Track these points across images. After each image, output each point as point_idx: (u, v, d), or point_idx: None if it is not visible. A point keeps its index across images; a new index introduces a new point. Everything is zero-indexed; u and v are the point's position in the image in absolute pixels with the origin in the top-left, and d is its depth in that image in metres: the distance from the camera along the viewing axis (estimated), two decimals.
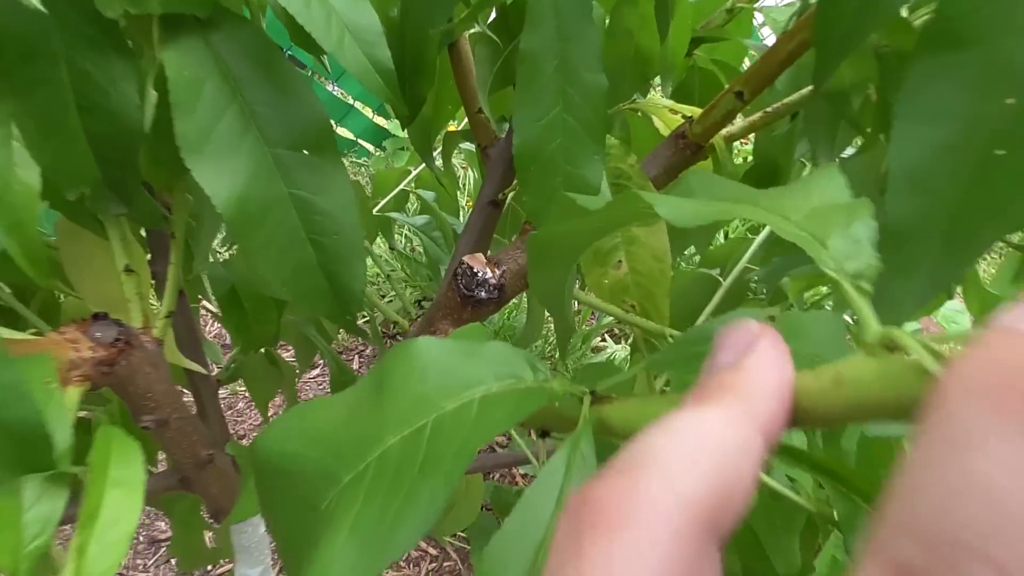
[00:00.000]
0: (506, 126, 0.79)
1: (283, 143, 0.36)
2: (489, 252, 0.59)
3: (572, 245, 0.30)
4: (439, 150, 0.99)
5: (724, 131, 0.49)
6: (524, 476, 1.68)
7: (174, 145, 0.35)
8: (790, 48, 0.41)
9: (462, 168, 2.25)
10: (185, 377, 0.85)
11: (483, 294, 0.49)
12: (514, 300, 0.87)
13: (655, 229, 0.49)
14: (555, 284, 0.34)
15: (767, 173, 0.65)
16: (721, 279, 0.74)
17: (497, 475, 1.74)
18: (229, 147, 0.35)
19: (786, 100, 0.50)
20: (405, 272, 2.11)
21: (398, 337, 2.06)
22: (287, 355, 1.85)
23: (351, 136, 2.50)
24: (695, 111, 0.51)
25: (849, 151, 0.69)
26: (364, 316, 1.92)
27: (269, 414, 0.96)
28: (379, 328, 1.92)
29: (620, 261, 0.48)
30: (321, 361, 2.03)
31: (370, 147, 2.75)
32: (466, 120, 0.70)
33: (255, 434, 1.75)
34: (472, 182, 2.26)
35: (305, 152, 0.37)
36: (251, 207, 0.36)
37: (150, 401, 0.46)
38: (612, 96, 0.50)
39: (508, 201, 0.70)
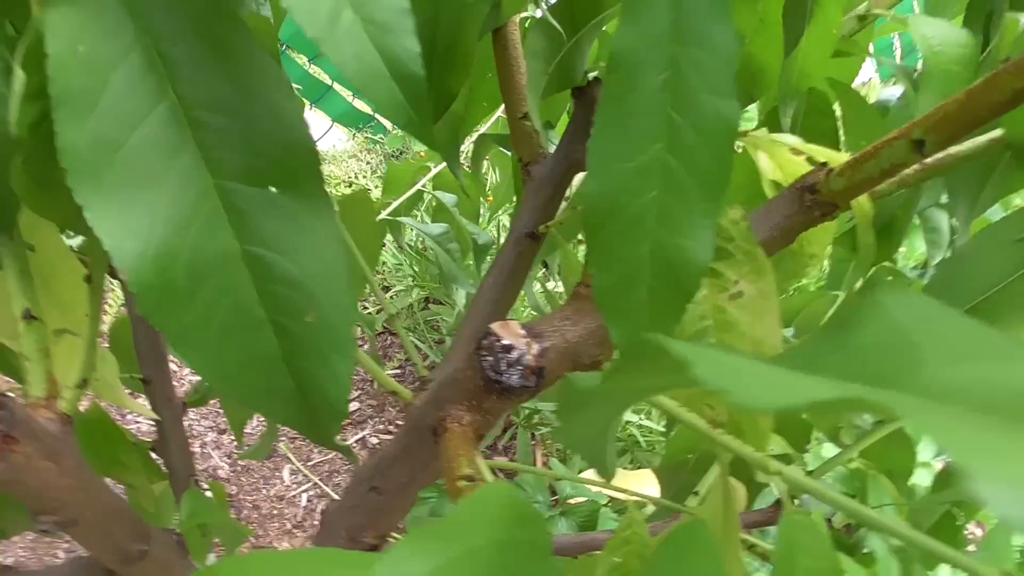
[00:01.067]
0: (553, 135, 0.66)
1: (238, 172, 0.23)
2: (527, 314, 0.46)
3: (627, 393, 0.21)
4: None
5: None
6: None
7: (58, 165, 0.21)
8: (1018, 87, 0.27)
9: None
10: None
11: (515, 379, 0.36)
12: None
13: (762, 310, 0.36)
14: (594, 431, 0.22)
15: (881, 228, 0.51)
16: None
17: None
18: (147, 174, 0.22)
19: (961, 148, 0.37)
20: (413, 270, 1.97)
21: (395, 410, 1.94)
22: None
23: (328, 118, 2.34)
24: (830, 155, 0.37)
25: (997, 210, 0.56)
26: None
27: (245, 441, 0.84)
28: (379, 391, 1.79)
29: None
30: None
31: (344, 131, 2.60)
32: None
33: (228, 466, 1.64)
34: (493, 182, 2.13)
35: (272, 189, 0.24)
36: (176, 270, 0.23)
37: (50, 500, 0.33)
38: None
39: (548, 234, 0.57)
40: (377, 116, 2.60)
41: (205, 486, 1.61)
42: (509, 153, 0.85)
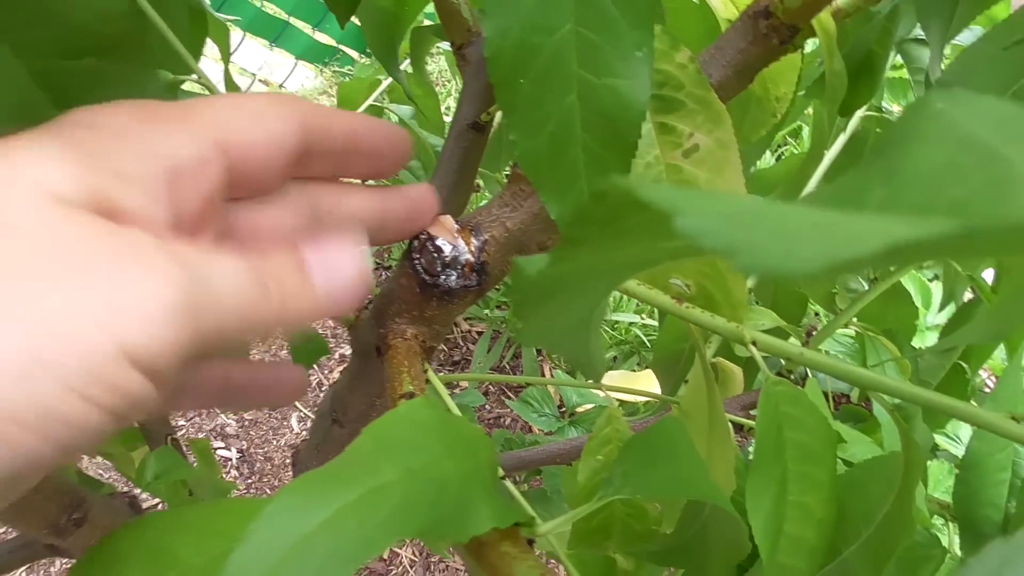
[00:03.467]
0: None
1: None
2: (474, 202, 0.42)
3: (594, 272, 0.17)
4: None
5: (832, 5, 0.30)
6: None
7: None
8: None
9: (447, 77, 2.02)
10: None
11: (453, 280, 0.32)
12: None
13: (721, 162, 0.31)
14: (566, 326, 0.18)
15: (857, 66, 0.46)
16: None
17: None
18: None
19: None
20: None
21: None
22: None
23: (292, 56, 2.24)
24: None
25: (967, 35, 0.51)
26: None
27: None
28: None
29: None
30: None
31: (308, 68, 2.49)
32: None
33: (235, 422, 1.62)
34: (459, 87, 2.05)
35: None
36: None
37: None
38: None
39: (497, 122, 0.52)
40: (343, 47, 2.50)
41: (218, 444, 1.60)
42: None
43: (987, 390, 1.64)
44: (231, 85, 0.62)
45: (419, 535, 0.17)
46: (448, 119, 0.49)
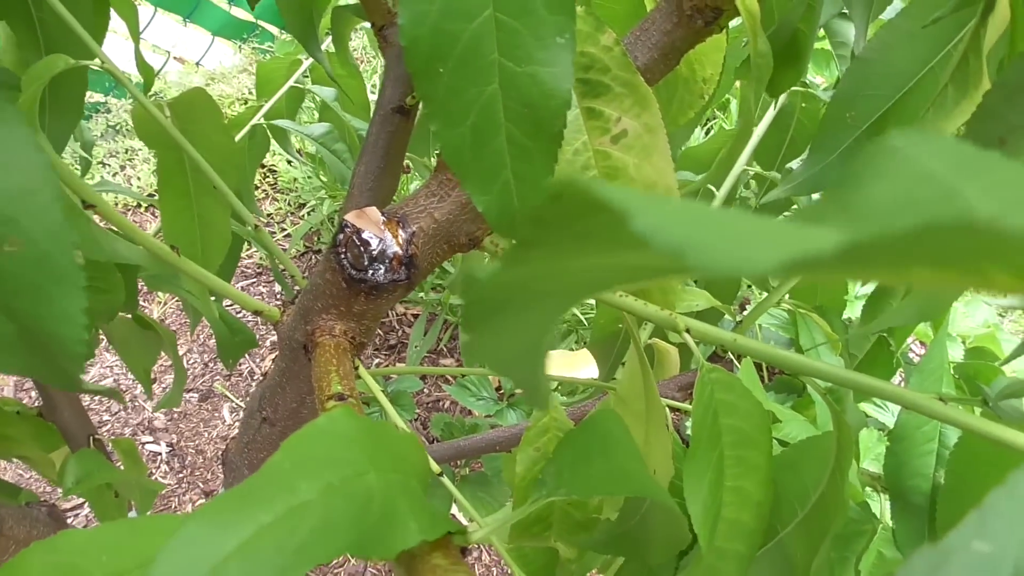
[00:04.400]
0: None
1: None
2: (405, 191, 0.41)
3: (554, 283, 0.15)
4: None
5: None
6: None
7: None
8: None
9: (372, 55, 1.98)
10: None
11: (381, 274, 0.31)
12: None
13: (649, 148, 0.31)
14: (519, 346, 0.18)
15: (783, 46, 0.46)
16: (714, 190, 0.57)
17: None
18: None
19: None
20: (320, 179, 1.88)
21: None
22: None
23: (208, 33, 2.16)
24: None
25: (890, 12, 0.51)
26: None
27: (155, 387, 0.78)
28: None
29: None
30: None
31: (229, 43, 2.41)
32: None
33: (163, 415, 1.57)
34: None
35: None
36: None
37: None
38: None
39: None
40: (262, 23, 2.41)
41: (147, 439, 1.55)
42: None
43: (912, 355, 1.70)
44: (143, 65, 0.60)
45: (343, 554, 0.17)
46: (374, 99, 0.48)
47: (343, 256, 0.32)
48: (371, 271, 0.31)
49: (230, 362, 0.71)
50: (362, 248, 0.31)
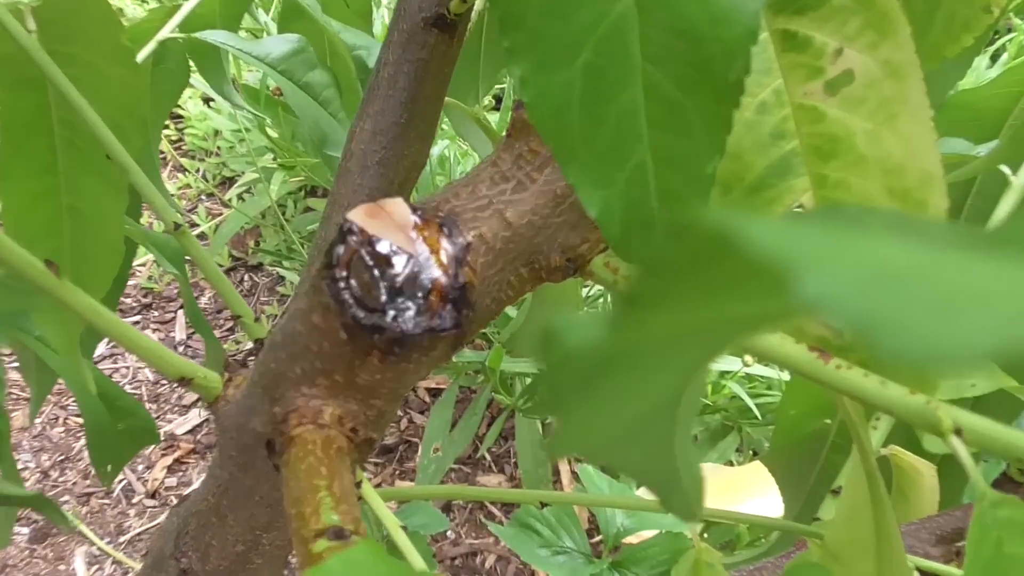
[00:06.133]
0: None
1: None
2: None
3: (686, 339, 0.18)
4: None
5: None
6: None
7: None
8: None
9: None
10: None
11: (411, 317, 0.34)
12: None
13: (895, 103, 0.33)
14: (642, 420, 0.23)
15: None
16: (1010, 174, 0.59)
17: None
18: None
19: None
20: (267, 135, 1.93)
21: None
22: None
23: None
24: None
25: None
26: None
27: None
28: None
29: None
30: None
31: None
32: None
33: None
34: None
35: None
36: None
37: None
38: None
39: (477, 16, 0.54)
40: None
41: None
42: None
43: None
44: None
45: None
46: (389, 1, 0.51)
47: (343, 285, 0.35)
48: (393, 312, 0.34)
49: (108, 471, 0.74)
50: (378, 271, 0.34)
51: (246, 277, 2.04)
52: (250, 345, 2.10)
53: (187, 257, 0.83)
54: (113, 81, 0.52)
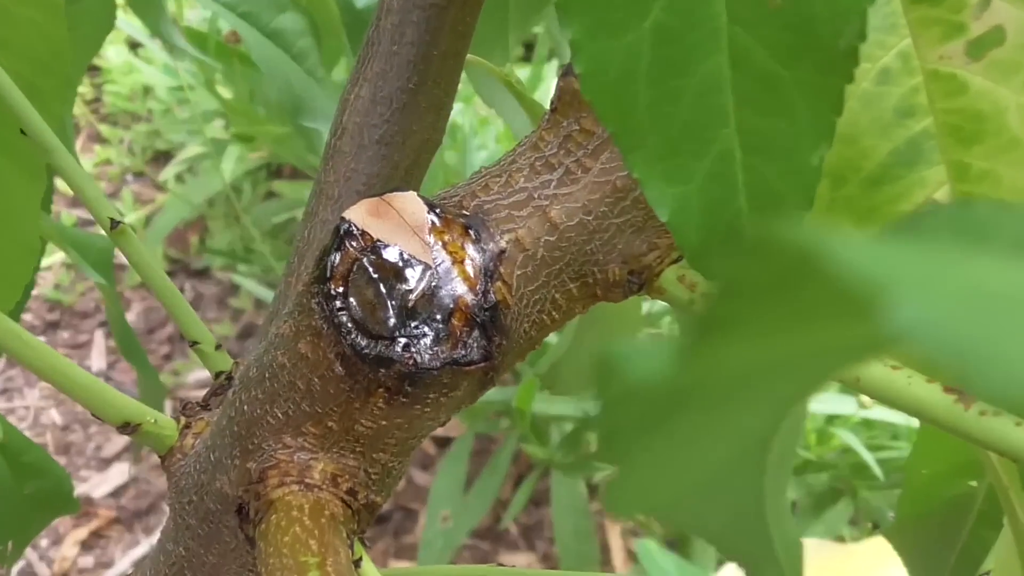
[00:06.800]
0: None
1: None
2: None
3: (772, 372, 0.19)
4: None
5: None
6: None
7: None
8: None
9: None
10: None
11: (427, 347, 0.34)
12: None
13: None
14: (722, 468, 0.24)
15: None
16: None
17: None
18: None
19: None
20: (214, 94, 1.93)
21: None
22: None
23: None
24: None
25: None
26: None
27: None
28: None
29: None
30: None
31: None
32: None
33: None
34: None
35: None
36: None
37: None
38: None
39: None
40: None
41: None
42: None
43: None
44: None
45: None
46: None
47: (340, 305, 0.35)
48: (404, 340, 0.34)
49: (7, 550, 0.73)
50: (384, 286, 0.34)
51: (187, 286, 2.05)
52: (193, 378, 2.10)
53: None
54: (25, 27, 0.51)
